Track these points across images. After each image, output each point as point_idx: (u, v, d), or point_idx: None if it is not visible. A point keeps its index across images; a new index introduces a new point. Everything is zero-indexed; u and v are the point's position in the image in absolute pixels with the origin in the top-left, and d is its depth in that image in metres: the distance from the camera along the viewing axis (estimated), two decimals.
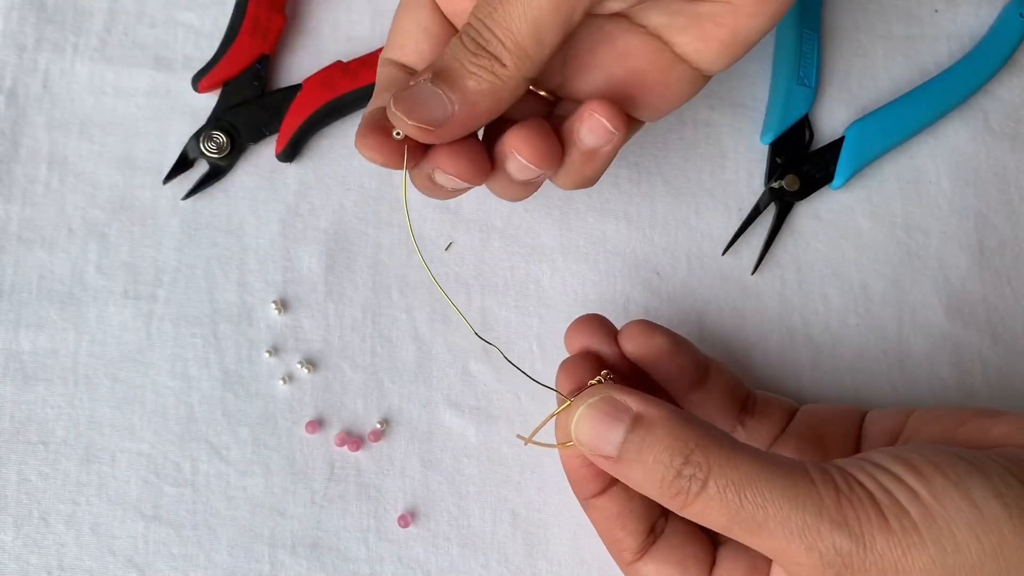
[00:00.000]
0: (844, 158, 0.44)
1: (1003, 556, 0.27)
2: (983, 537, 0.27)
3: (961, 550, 0.27)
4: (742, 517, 0.28)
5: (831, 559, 0.28)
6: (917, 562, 0.27)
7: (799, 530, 0.28)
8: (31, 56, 0.44)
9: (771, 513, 0.28)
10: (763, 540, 0.29)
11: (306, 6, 0.45)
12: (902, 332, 0.43)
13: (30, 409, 0.40)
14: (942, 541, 0.27)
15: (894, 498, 0.28)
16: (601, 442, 0.30)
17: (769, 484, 0.28)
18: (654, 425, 0.30)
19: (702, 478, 0.29)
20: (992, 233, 0.44)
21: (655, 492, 0.30)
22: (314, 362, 0.41)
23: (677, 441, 0.29)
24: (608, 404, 0.30)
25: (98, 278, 0.41)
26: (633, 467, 0.30)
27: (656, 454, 0.29)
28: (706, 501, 0.29)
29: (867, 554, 0.27)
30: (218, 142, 0.42)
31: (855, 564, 0.28)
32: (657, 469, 0.29)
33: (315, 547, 0.39)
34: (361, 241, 0.42)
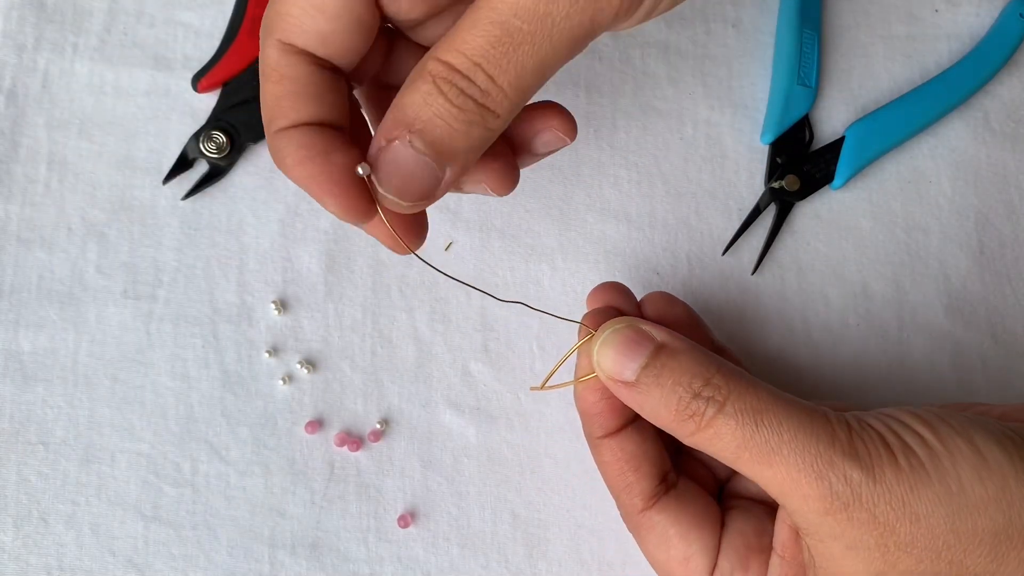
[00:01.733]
0: (844, 158, 0.44)
1: (1005, 499, 0.28)
2: (986, 479, 0.28)
3: (965, 490, 0.28)
4: (755, 442, 0.29)
5: (840, 489, 0.28)
6: (924, 498, 0.28)
7: (812, 458, 0.29)
8: (31, 56, 0.44)
9: (785, 439, 0.29)
10: (774, 469, 0.29)
11: None
12: (902, 332, 0.43)
13: (30, 409, 0.40)
14: (947, 480, 0.28)
15: (903, 440, 0.29)
16: (622, 366, 0.31)
17: (786, 413, 0.29)
18: (677, 352, 0.31)
19: (720, 400, 0.30)
20: (992, 233, 0.44)
21: (669, 417, 0.30)
22: (314, 362, 0.41)
23: (699, 366, 0.30)
24: (633, 330, 0.32)
25: (98, 278, 0.41)
26: (651, 391, 0.30)
27: (676, 377, 0.30)
28: (720, 424, 0.29)
29: (876, 486, 0.28)
30: (218, 142, 0.42)
31: (863, 495, 0.28)
32: (675, 392, 0.30)
33: (315, 547, 0.39)
34: (361, 241, 0.42)
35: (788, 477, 0.29)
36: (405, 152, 0.26)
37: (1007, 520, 0.28)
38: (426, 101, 0.26)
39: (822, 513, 0.29)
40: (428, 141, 0.26)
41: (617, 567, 0.39)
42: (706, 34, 0.46)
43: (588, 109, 0.44)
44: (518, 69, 0.26)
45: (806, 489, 0.29)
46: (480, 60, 0.26)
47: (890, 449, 0.29)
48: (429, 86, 0.26)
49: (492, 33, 0.25)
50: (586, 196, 0.44)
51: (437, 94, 0.26)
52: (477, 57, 0.26)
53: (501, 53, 0.25)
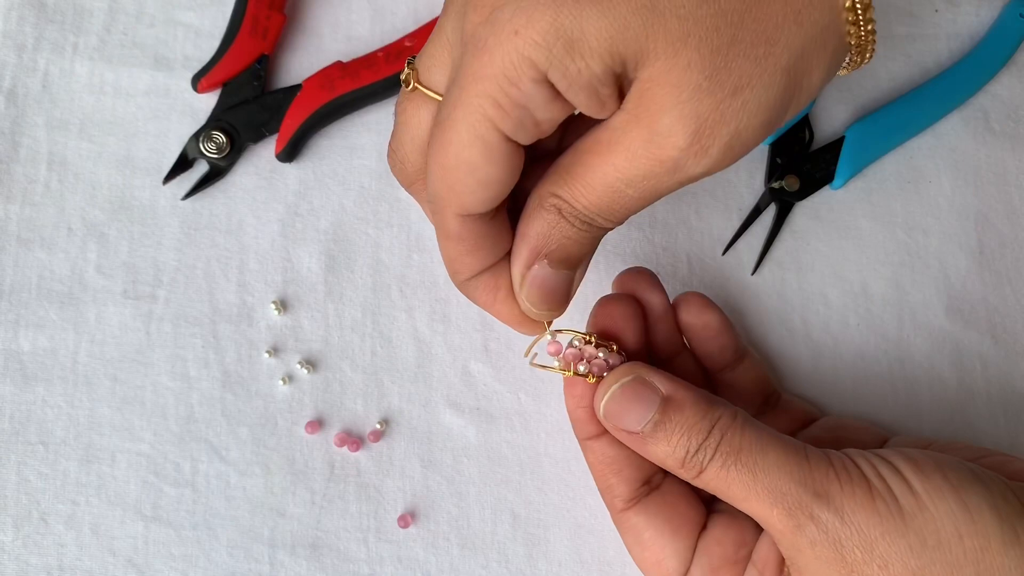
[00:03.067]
0: (844, 158, 0.44)
1: (984, 562, 0.28)
2: (967, 539, 0.28)
3: (942, 546, 0.28)
4: (737, 481, 0.30)
5: (807, 527, 0.29)
6: (895, 545, 0.28)
7: (781, 496, 0.29)
8: (31, 56, 0.44)
9: (759, 478, 0.30)
10: (750, 505, 0.30)
11: (306, 6, 0.45)
12: (902, 332, 0.43)
13: (29, 409, 0.40)
14: (925, 533, 0.28)
15: (888, 486, 0.29)
16: (628, 420, 0.32)
17: (763, 454, 0.30)
18: (683, 406, 0.31)
19: (711, 452, 0.30)
20: (992, 233, 0.44)
21: (675, 466, 0.31)
22: (314, 362, 0.41)
23: (702, 420, 0.31)
24: (640, 385, 0.32)
25: (98, 278, 0.41)
26: (658, 445, 0.31)
27: (682, 432, 0.31)
28: (711, 469, 0.31)
29: (843, 527, 0.28)
30: (218, 142, 0.42)
31: (830, 534, 0.29)
32: (682, 446, 0.31)
33: (315, 547, 0.39)
34: (361, 241, 0.42)
35: (764, 514, 0.30)
36: (544, 272, 0.31)
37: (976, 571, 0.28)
38: (554, 227, 0.30)
39: (793, 548, 0.29)
40: (559, 259, 0.30)
41: (617, 567, 0.39)
42: None
43: None
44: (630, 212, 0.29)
45: (778, 525, 0.29)
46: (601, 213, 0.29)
47: (870, 491, 0.29)
48: (554, 216, 0.30)
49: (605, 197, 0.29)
50: None
51: (563, 222, 0.30)
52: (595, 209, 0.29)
53: (615, 209, 0.29)
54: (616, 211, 0.29)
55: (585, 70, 0.26)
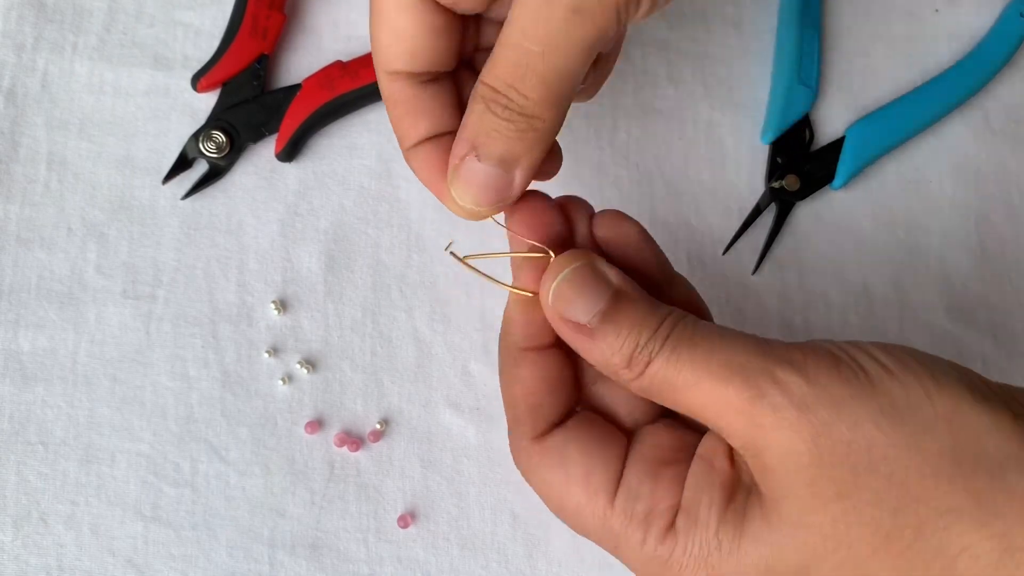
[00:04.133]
0: (845, 158, 0.44)
1: (956, 422, 0.26)
2: (936, 400, 0.26)
3: (912, 407, 0.26)
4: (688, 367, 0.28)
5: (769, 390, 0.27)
6: (865, 406, 0.26)
7: (740, 366, 0.27)
8: (30, 56, 0.44)
9: (715, 356, 0.28)
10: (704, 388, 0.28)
11: (306, 5, 0.45)
12: (903, 332, 0.43)
13: (29, 409, 0.40)
14: (894, 395, 0.27)
15: (853, 358, 0.28)
16: (578, 310, 0.30)
17: (721, 338, 0.28)
18: (634, 299, 0.30)
19: (661, 342, 0.29)
20: (993, 233, 0.44)
21: (619, 364, 0.29)
22: (314, 362, 0.41)
23: (652, 315, 0.29)
24: (592, 272, 0.30)
25: (97, 278, 0.41)
26: (606, 338, 0.29)
27: (631, 326, 0.29)
28: (658, 364, 0.29)
29: (810, 387, 0.27)
30: (217, 142, 0.42)
31: (794, 395, 0.27)
32: (631, 340, 0.29)
33: (315, 547, 0.39)
34: (361, 241, 0.42)
35: (718, 392, 0.28)
36: (475, 166, 0.30)
37: (955, 444, 0.26)
38: (481, 119, 0.29)
39: (752, 424, 0.27)
40: (489, 153, 0.30)
41: (617, 567, 0.39)
42: (706, 33, 0.46)
43: (588, 109, 0.44)
44: (542, 82, 0.29)
45: (735, 400, 0.27)
46: (510, 82, 0.29)
47: (836, 361, 0.27)
48: (481, 106, 0.29)
49: (510, 58, 0.28)
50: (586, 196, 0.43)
51: (488, 112, 0.29)
52: (507, 79, 0.29)
53: (522, 73, 0.28)
54: (526, 78, 0.28)
55: None
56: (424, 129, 0.32)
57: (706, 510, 0.29)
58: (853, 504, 0.27)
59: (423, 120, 0.32)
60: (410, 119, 0.32)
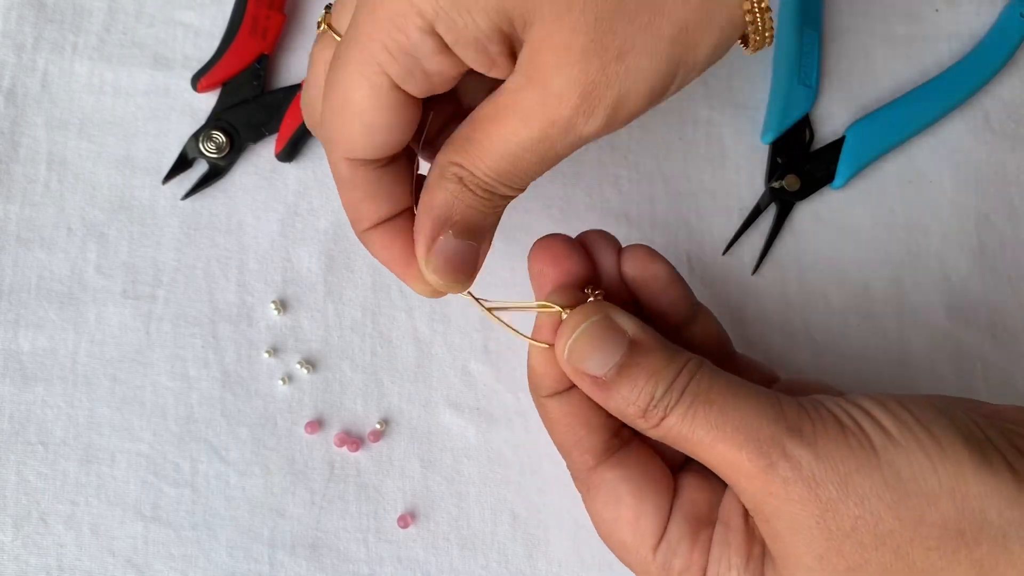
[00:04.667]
0: (845, 158, 0.44)
1: (959, 493, 0.27)
2: (940, 468, 0.27)
3: (917, 478, 0.27)
4: (703, 427, 0.29)
5: (780, 464, 0.28)
6: (870, 480, 0.27)
7: (753, 434, 0.28)
8: (30, 56, 0.44)
9: (729, 420, 0.29)
10: (718, 450, 0.29)
11: (306, 5, 0.45)
12: (903, 332, 0.43)
13: (29, 409, 0.40)
14: (898, 465, 0.27)
15: (859, 424, 0.28)
16: (594, 364, 0.30)
17: (734, 398, 0.29)
18: (649, 350, 0.30)
19: (677, 396, 0.29)
20: (993, 233, 0.44)
21: (636, 414, 0.30)
22: (314, 362, 0.41)
23: (669, 367, 0.30)
24: (607, 326, 0.31)
25: (97, 278, 0.41)
26: (621, 390, 0.30)
27: (647, 378, 0.30)
28: (674, 417, 0.29)
29: (818, 463, 0.28)
30: (217, 142, 0.42)
31: (804, 471, 0.28)
32: (646, 392, 0.30)
33: (315, 547, 0.39)
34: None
35: (731, 456, 0.28)
36: (450, 244, 0.30)
37: (959, 515, 0.27)
38: (457, 197, 0.30)
39: (764, 492, 0.28)
40: (463, 230, 0.30)
41: (617, 567, 0.39)
42: None
43: None
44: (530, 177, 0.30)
45: (747, 467, 0.28)
46: (502, 179, 0.29)
47: (842, 429, 0.28)
48: (456, 185, 0.30)
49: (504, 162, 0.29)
50: (586, 196, 0.44)
51: (465, 191, 0.30)
52: (495, 175, 0.29)
53: (515, 175, 0.29)
54: (516, 177, 0.29)
55: (471, 25, 0.26)
56: (384, 211, 0.32)
57: (727, 573, 0.31)
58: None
59: (383, 203, 0.32)
60: (369, 203, 0.32)
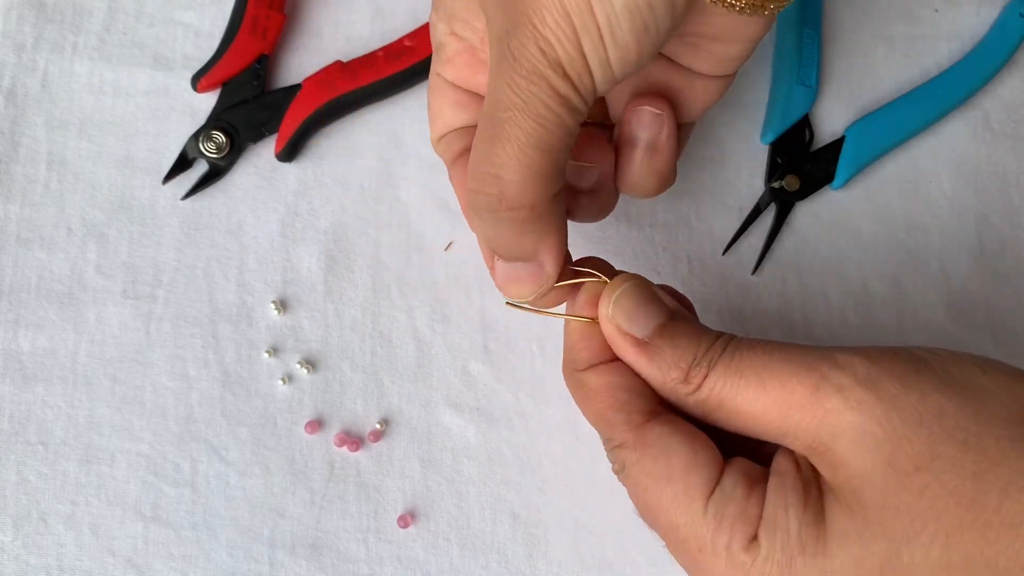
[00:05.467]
0: (844, 158, 0.44)
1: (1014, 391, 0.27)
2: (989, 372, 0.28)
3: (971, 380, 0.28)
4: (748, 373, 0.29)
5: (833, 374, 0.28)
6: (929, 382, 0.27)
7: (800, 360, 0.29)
8: (30, 56, 0.44)
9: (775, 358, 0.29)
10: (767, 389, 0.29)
11: (306, 5, 0.45)
12: (903, 332, 0.43)
13: (29, 409, 0.40)
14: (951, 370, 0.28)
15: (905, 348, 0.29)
16: (638, 323, 0.31)
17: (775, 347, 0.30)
18: (687, 319, 0.32)
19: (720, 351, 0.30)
20: (993, 233, 0.44)
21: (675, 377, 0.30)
22: (314, 362, 0.41)
23: (707, 334, 0.31)
24: (648, 289, 0.32)
25: (97, 278, 0.41)
26: (663, 351, 0.30)
27: (689, 340, 0.30)
28: (715, 377, 0.30)
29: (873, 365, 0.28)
30: (217, 142, 0.42)
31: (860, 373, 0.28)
32: (688, 354, 0.30)
33: (315, 547, 0.39)
34: (361, 241, 0.42)
35: (781, 391, 0.28)
36: (503, 268, 0.32)
37: (1020, 407, 0.27)
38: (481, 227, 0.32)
39: (821, 413, 0.28)
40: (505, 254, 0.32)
41: (617, 567, 0.39)
42: None
43: None
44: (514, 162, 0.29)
45: (799, 393, 0.28)
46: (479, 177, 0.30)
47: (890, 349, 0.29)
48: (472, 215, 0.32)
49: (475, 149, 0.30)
50: None
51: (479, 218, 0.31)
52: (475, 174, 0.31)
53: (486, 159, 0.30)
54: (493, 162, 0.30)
55: None
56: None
57: (784, 514, 0.28)
58: (934, 475, 0.26)
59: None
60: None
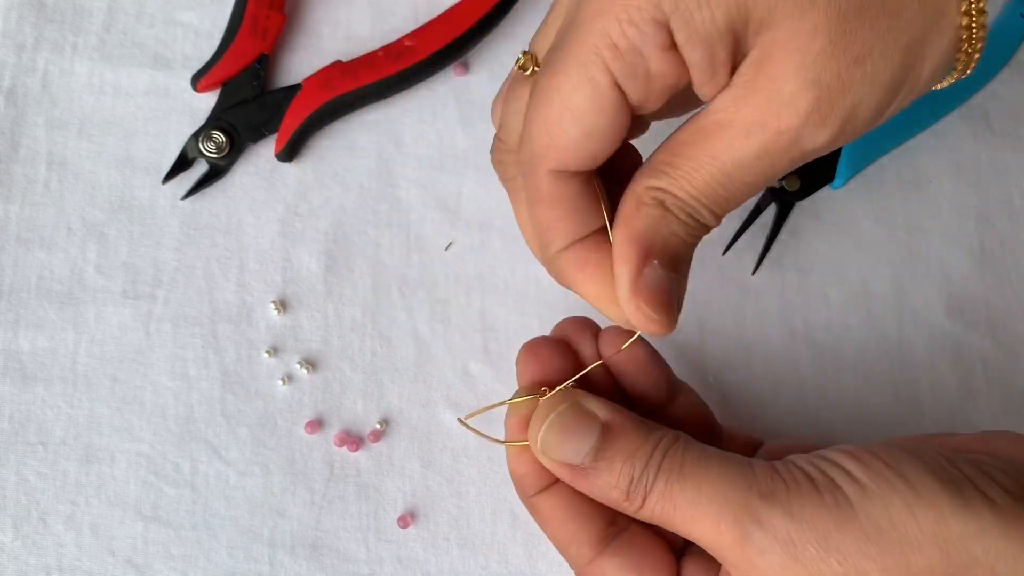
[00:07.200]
0: (845, 158, 0.44)
1: (942, 535, 0.26)
2: (919, 514, 0.27)
3: (897, 527, 0.27)
4: (682, 503, 0.29)
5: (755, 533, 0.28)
6: (850, 535, 0.27)
7: (729, 506, 0.28)
8: (30, 56, 0.44)
9: (704, 493, 0.28)
10: (699, 524, 0.29)
11: (306, 5, 0.45)
12: (903, 332, 0.43)
13: (29, 409, 0.40)
14: (876, 516, 0.27)
15: (831, 479, 0.28)
16: (569, 452, 0.30)
17: (707, 467, 0.29)
18: (624, 431, 0.30)
19: (654, 473, 0.29)
20: (993, 233, 0.44)
21: (615, 498, 0.30)
22: (314, 362, 0.41)
23: (644, 446, 0.30)
24: (577, 413, 0.31)
25: (97, 278, 0.41)
26: (600, 476, 0.30)
27: (623, 459, 0.30)
28: (655, 496, 0.29)
29: (795, 525, 0.27)
30: (217, 142, 0.42)
31: (780, 536, 0.27)
32: (625, 474, 0.29)
33: (315, 547, 0.39)
34: (361, 241, 0.42)
35: (712, 530, 0.28)
36: (656, 275, 0.28)
37: (945, 558, 0.26)
38: (660, 223, 0.28)
39: (745, 563, 0.28)
40: (669, 259, 0.28)
41: None
42: None
43: None
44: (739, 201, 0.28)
45: (727, 539, 0.28)
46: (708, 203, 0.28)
47: (815, 487, 0.28)
48: (659, 211, 0.28)
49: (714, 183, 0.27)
50: None
51: (669, 215, 0.28)
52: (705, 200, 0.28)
53: (724, 197, 0.28)
54: (724, 200, 0.28)
55: (708, 20, 0.25)
56: (579, 231, 0.30)
57: None
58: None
59: (579, 221, 0.30)
60: (565, 222, 0.30)
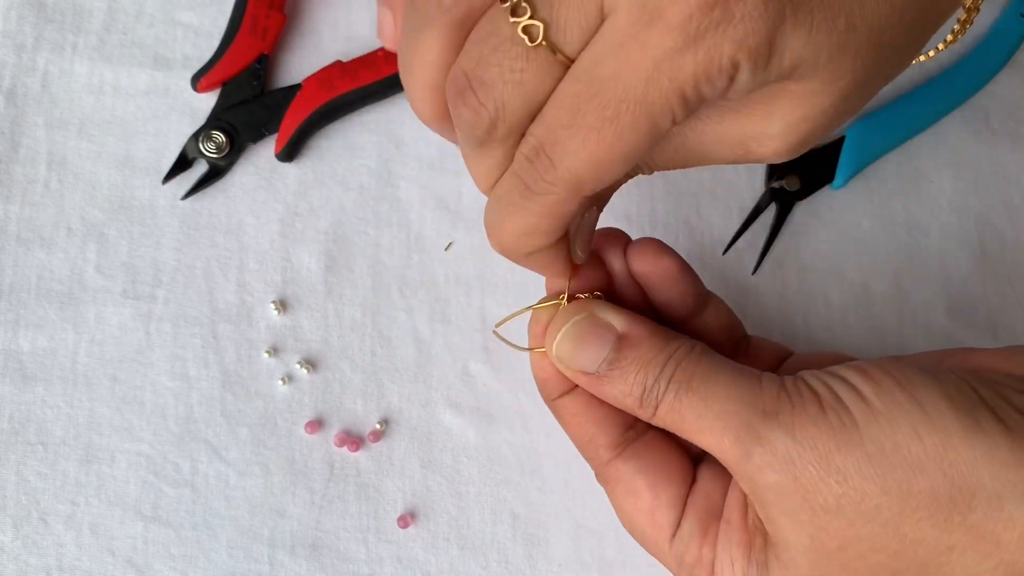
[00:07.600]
0: (845, 158, 0.44)
1: (947, 459, 0.26)
2: (925, 437, 0.26)
3: (900, 449, 0.26)
4: (691, 415, 0.29)
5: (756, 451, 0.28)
6: (852, 456, 0.27)
7: (732, 422, 0.28)
8: (30, 56, 0.44)
9: (711, 407, 0.29)
10: (703, 437, 0.29)
11: (306, 5, 0.45)
12: (903, 332, 0.43)
13: (29, 409, 0.40)
14: (880, 437, 0.27)
15: (838, 398, 0.28)
16: (583, 360, 0.31)
17: (715, 379, 0.29)
18: (639, 342, 0.30)
19: (666, 384, 0.29)
20: (993, 233, 0.44)
21: (633, 404, 0.30)
22: (313, 362, 0.41)
23: (659, 356, 0.30)
24: (592, 323, 0.31)
25: (97, 278, 0.41)
26: (614, 384, 0.30)
27: (638, 369, 0.30)
28: (666, 405, 0.29)
29: (795, 444, 0.27)
30: (217, 142, 0.42)
31: (780, 454, 0.27)
32: (639, 382, 0.30)
33: (315, 547, 0.39)
34: (361, 241, 0.42)
35: (716, 444, 0.28)
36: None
37: (948, 481, 0.26)
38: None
39: (749, 478, 0.28)
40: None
41: (617, 567, 0.39)
42: None
43: None
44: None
45: (732, 455, 0.28)
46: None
47: (821, 406, 0.28)
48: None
49: None
50: None
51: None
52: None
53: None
54: None
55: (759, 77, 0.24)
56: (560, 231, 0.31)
57: (731, 569, 0.30)
58: (857, 552, 0.27)
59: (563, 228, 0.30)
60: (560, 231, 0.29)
